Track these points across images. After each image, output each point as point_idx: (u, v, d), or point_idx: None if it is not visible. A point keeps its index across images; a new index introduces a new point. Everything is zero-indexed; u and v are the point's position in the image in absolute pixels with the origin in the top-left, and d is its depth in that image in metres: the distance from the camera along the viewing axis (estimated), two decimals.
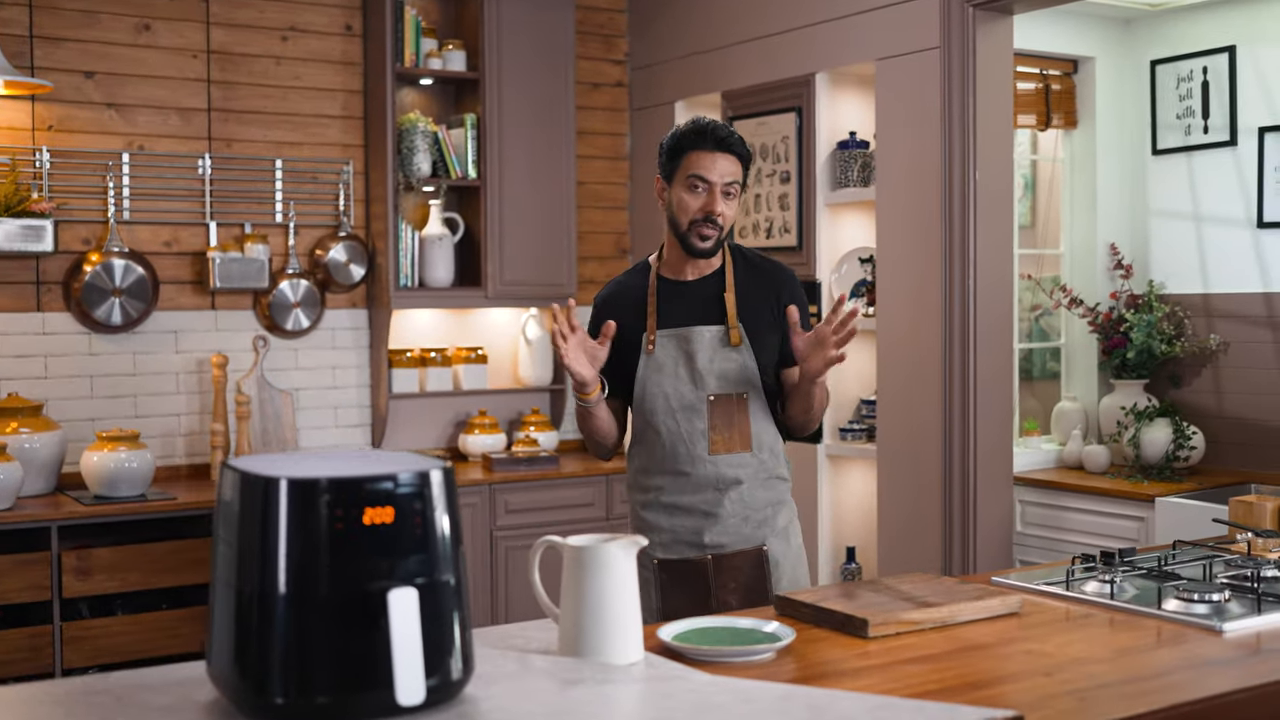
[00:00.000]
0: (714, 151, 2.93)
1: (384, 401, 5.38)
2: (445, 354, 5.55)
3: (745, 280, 3.04)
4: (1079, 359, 5.40)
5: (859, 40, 4.86)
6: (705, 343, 2.98)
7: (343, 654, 1.62)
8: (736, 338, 2.98)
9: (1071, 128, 5.35)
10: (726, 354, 2.98)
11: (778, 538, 3.02)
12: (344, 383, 5.45)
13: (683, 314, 3.01)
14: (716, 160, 2.93)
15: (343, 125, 5.41)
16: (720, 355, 2.98)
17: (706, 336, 2.98)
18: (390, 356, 5.40)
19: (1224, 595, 2.40)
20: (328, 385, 5.42)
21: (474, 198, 5.51)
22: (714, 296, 3.02)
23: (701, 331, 2.99)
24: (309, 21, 5.33)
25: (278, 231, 5.27)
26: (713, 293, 3.03)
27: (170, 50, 5.06)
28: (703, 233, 2.95)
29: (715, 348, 2.98)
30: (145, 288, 4.94)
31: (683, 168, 2.95)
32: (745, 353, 2.99)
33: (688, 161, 2.94)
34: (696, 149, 2.94)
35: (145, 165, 5.02)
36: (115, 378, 4.98)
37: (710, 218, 2.93)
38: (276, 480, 1.63)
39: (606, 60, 6.07)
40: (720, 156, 2.93)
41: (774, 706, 1.72)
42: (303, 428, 5.34)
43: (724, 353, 2.98)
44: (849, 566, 5.02)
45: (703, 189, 2.93)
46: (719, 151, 2.93)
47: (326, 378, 5.42)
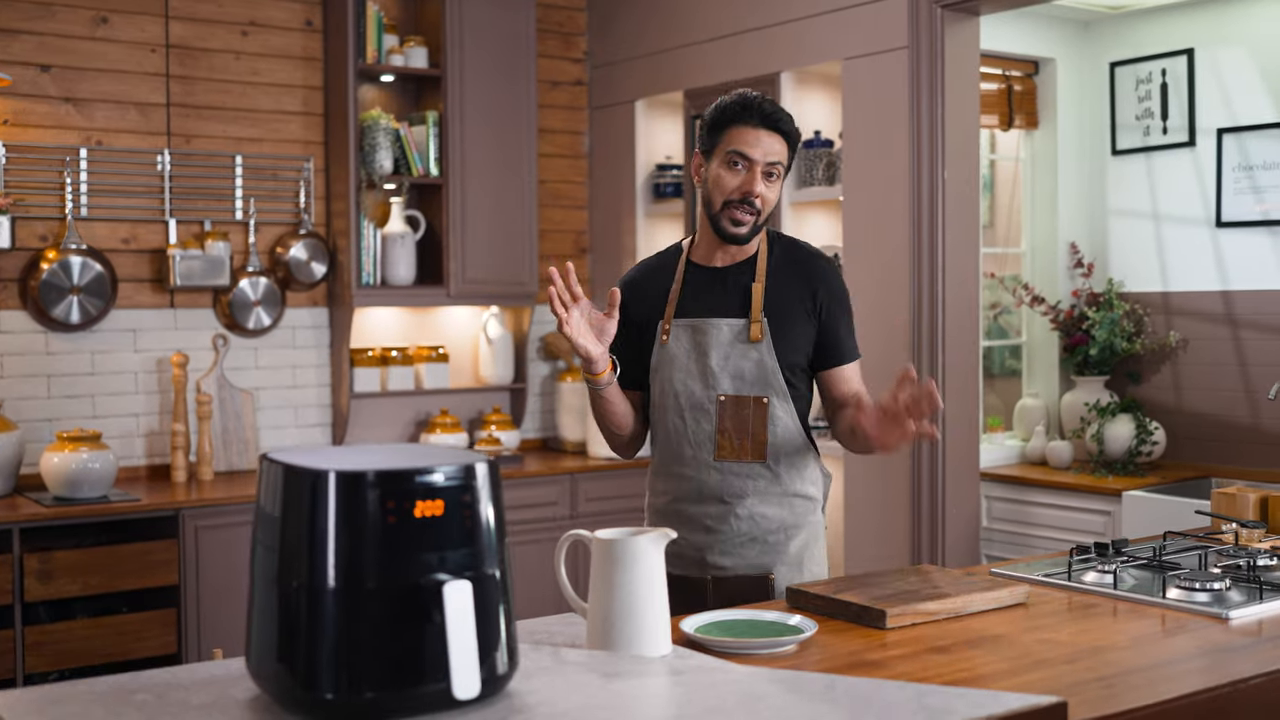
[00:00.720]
0: (759, 128, 2.67)
1: (345, 401, 5.33)
2: (407, 353, 5.51)
3: (779, 270, 2.77)
4: (1040, 356, 5.48)
5: (825, 40, 4.89)
6: (721, 337, 2.72)
7: (393, 648, 1.61)
8: (757, 333, 2.71)
9: (1033, 128, 5.42)
10: (744, 351, 2.72)
11: (788, 566, 2.73)
12: (305, 382, 5.39)
13: (705, 304, 2.76)
14: (761, 137, 2.67)
15: (303, 121, 5.35)
16: (737, 352, 2.72)
17: (724, 330, 2.72)
18: (352, 355, 5.35)
19: (1225, 584, 2.45)
20: (288, 384, 5.36)
21: (436, 195, 5.48)
22: (742, 286, 2.76)
23: (719, 324, 2.73)
24: (269, 16, 5.27)
25: (238, 229, 5.20)
26: (742, 282, 2.76)
27: (129, 44, 4.98)
28: (736, 216, 2.69)
29: (732, 343, 2.72)
30: (104, 285, 4.85)
31: (723, 143, 2.69)
32: (765, 350, 2.71)
33: (729, 137, 2.68)
34: (740, 124, 2.68)
35: (103, 161, 4.93)
36: (73, 377, 4.89)
37: (747, 199, 2.67)
38: (325, 473, 1.61)
39: (566, 59, 6.06)
40: (765, 134, 2.67)
41: (820, 695, 1.73)
42: (263, 427, 5.27)
43: (741, 349, 2.72)
44: None
45: (742, 167, 2.67)
46: (764, 129, 2.67)
47: (287, 377, 5.36)
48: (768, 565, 2.72)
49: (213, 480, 4.95)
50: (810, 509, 2.77)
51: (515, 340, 5.77)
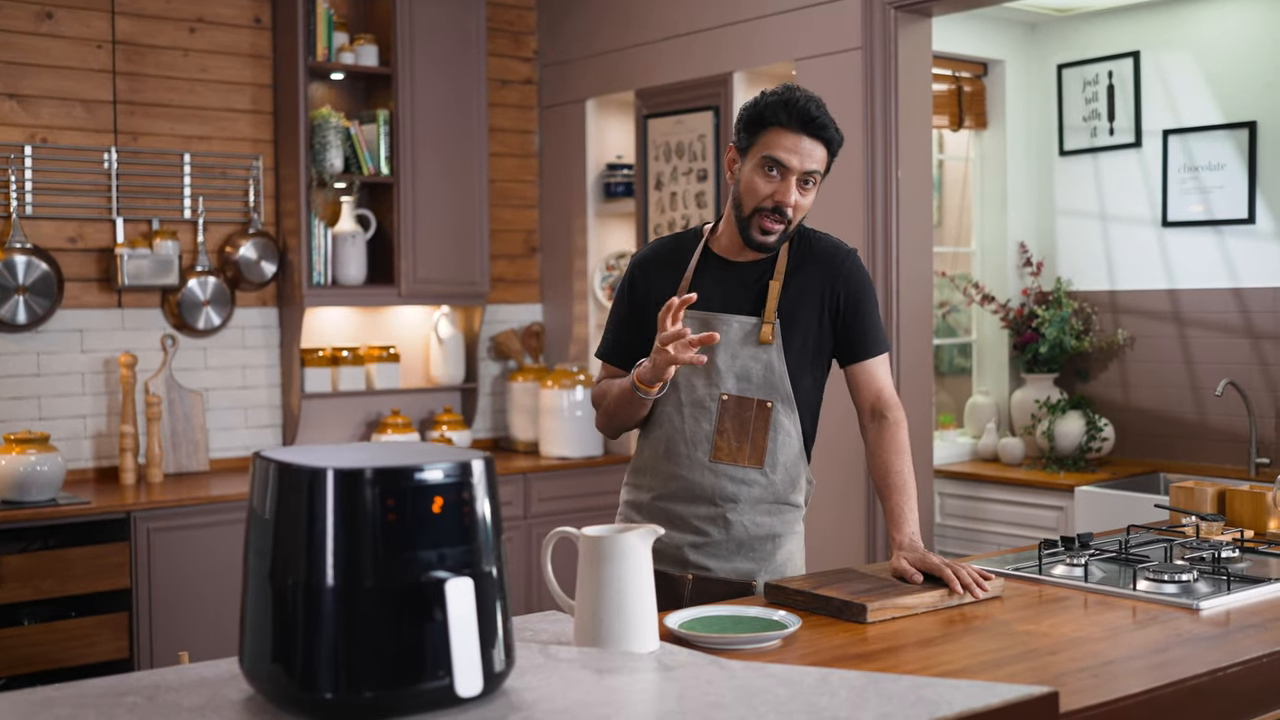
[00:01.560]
0: (799, 133, 2.49)
1: (296, 401, 5.28)
2: (357, 353, 5.47)
3: (799, 267, 2.64)
4: (990, 354, 5.54)
5: (778, 40, 4.92)
6: (731, 335, 2.60)
7: (393, 646, 1.60)
8: (768, 334, 2.58)
9: (982, 128, 5.49)
10: (753, 352, 2.60)
11: (772, 573, 2.64)
12: (255, 382, 5.34)
13: (718, 297, 2.62)
14: (800, 143, 2.49)
15: (252, 120, 5.30)
16: (745, 352, 2.60)
17: (734, 327, 2.60)
18: (302, 355, 5.31)
19: (1192, 575, 2.49)
20: (238, 385, 5.30)
21: (386, 195, 5.44)
22: (759, 284, 2.62)
23: (729, 321, 2.60)
24: (217, 13, 5.21)
25: (186, 228, 5.13)
26: (759, 279, 2.63)
27: (74, 40, 4.90)
28: (766, 225, 2.54)
29: (741, 342, 2.60)
30: (50, 285, 4.77)
31: (759, 145, 2.52)
32: (775, 354, 2.59)
33: (766, 139, 2.51)
34: (779, 126, 2.50)
35: (48, 159, 4.85)
36: (18, 378, 4.81)
37: (779, 209, 2.52)
38: (323, 471, 1.60)
39: (515, 57, 6.05)
40: (806, 140, 2.49)
41: (815, 688, 1.74)
42: (213, 429, 5.21)
43: (750, 350, 2.60)
44: None
45: (777, 174, 2.51)
46: (805, 134, 2.50)
47: (237, 377, 5.30)
48: (752, 572, 2.63)
49: (163, 482, 4.88)
50: (797, 517, 2.70)
51: (466, 340, 5.75)
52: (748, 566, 2.64)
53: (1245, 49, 4.85)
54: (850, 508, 4.65)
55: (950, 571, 2.41)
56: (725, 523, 2.62)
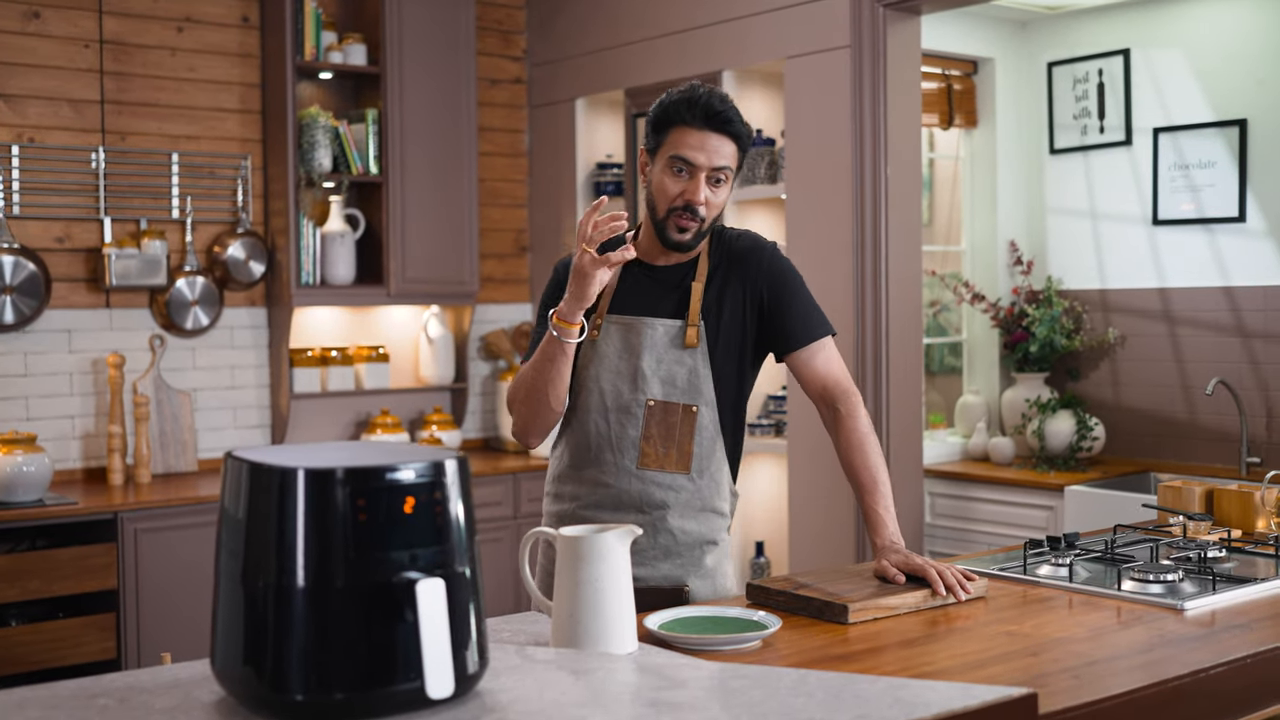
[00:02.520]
0: (704, 130, 2.47)
1: (285, 401, 5.26)
2: (346, 353, 5.46)
3: (720, 267, 2.60)
4: (980, 353, 5.53)
5: (767, 38, 4.91)
6: (655, 339, 2.56)
7: (364, 647, 1.58)
8: (693, 338, 2.55)
9: (972, 127, 5.47)
10: (678, 356, 2.56)
11: (702, 578, 2.60)
12: (243, 383, 5.32)
13: (641, 301, 2.59)
14: (706, 140, 2.47)
15: (240, 119, 5.28)
16: (670, 356, 2.56)
17: (659, 332, 2.57)
18: (291, 355, 5.29)
19: (1178, 575, 2.48)
20: (227, 385, 5.28)
21: (375, 194, 5.42)
22: (682, 287, 2.60)
23: (653, 325, 2.57)
24: (205, 12, 5.19)
25: (174, 228, 5.12)
26: (682, 282, 2.60)
27: (61, 39, 4.88)
28: (680, 223, 2.51)
29: (665, 347, 2.56)
30: (37, 285, 4.76)
31: (666, 145, 2.51)
32: (699, 358, 2.56)
33: (673, 138, 2.49)
34: (684, 124, 2.48)
35: (36, 158, 4.83)
36: (5, 379, 4.79)
37: (690, 207, 2.50)
38: (294, 471, 1.58)
39: (505, 57, 6.03)
40: (711, 136, 2.47)
41: (793, 689, 1.72)
42: (201, 429, 5.19)
43: (674, 354, 2.56)
44: (758, 561, 5.06)
45: (686, 173, 2.49)
46: (710, 130, 2.47)
47: (225, 377, 5.28)
48: (681, 577, 2.58)
49: (151, 483, 4.87)
50: (723, 524, 2.65)
51: (456, 340, 5.73)
52: (677, 572, 2.58)
53: (1236, 46, 4.84)
54: (837, 507, 4.64)
55: (934, 572, 2.40)
56: (653, 530, 2.56)
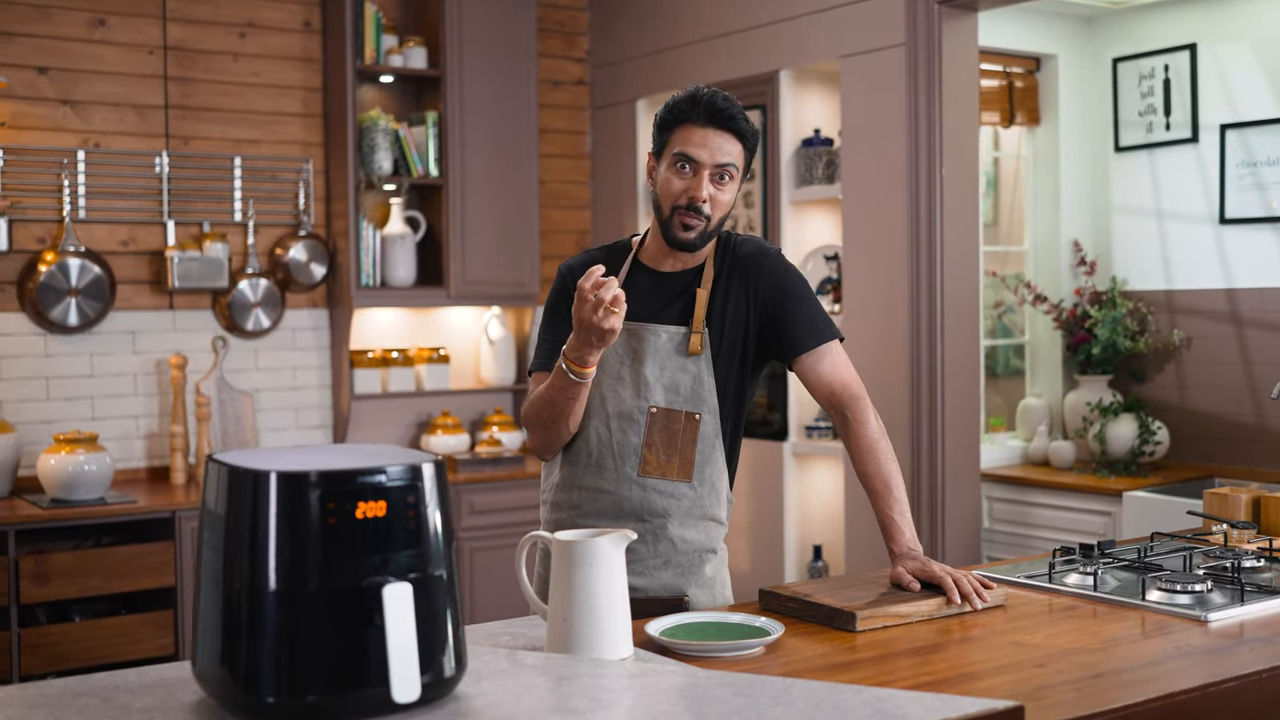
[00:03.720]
0: (706, 127, 2.48)
1: (346, 402, 5.32)
2: (407, 354, 5.50)
3: (724, 274, 2.59)
4: (1043, 356, 5.42)
5: (824, 37, 4.86)
6: (659, 346, 2.55)
7: (335, 651, 1.58)
8: (697, 345, 2.53)
9: (1034, 125, 5.37)
10: (681, 363, 2.54)
11: (701, 587, 2.58)
12: (305, 383, 5.39)
13: (646, 307, 2.57)
14: (709, 137, 2.47)
15: (302, 123, 5.35)
16: (673, 363, 2.54)
17: (662, 338, 2.55)
18: (352, 357, 5.34)
19: (1206, 585, 2.40)
20: (288, 386, 5.35)
21: (436, 196, 5.46)
22: (687, 293, 2.58)
23: (657, 331, 2.55)
24: (267, 17, 5.26)
25: (237, 230, 5.20)
26: (687, 289, 2.59)
27: (126, 46, 4.98)
28: (685, 221, 2.49)
29: (669, 354, 2.55)
30: (102, 287, 4.86)
31: (671, 144, 2.51)
32: (703, 365, 2.54)
33: (676, 137, 2.50)
34: (687, 123, 2.49)
35: (101, 163, 4.93)
36: (72, 379, 4.90)
37: (693, 205, 2.48)
38: (266, 473, 1.59)
39: (567, 58, 6.04)
40: (713, 134, 2.47)
41: (774, 699, 1.69)
42: (263, 429, 5.27)
43: (678, 361, 2.54)
44: (816, 565, 5.02)
45: (689, 170, 2.49)
46: (712, 128, 2.48)
47: (287, 378, 5.35)
48: (681, 587, 2.56)
49: None
50: (721, 533, 2.63)
51: (517, 341, 5.75)
52: (677, 582, 2.56)
53: None
54: None
55: (950, 580, 2.35)
56: (653, 538, 2.54)
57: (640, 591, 2.53)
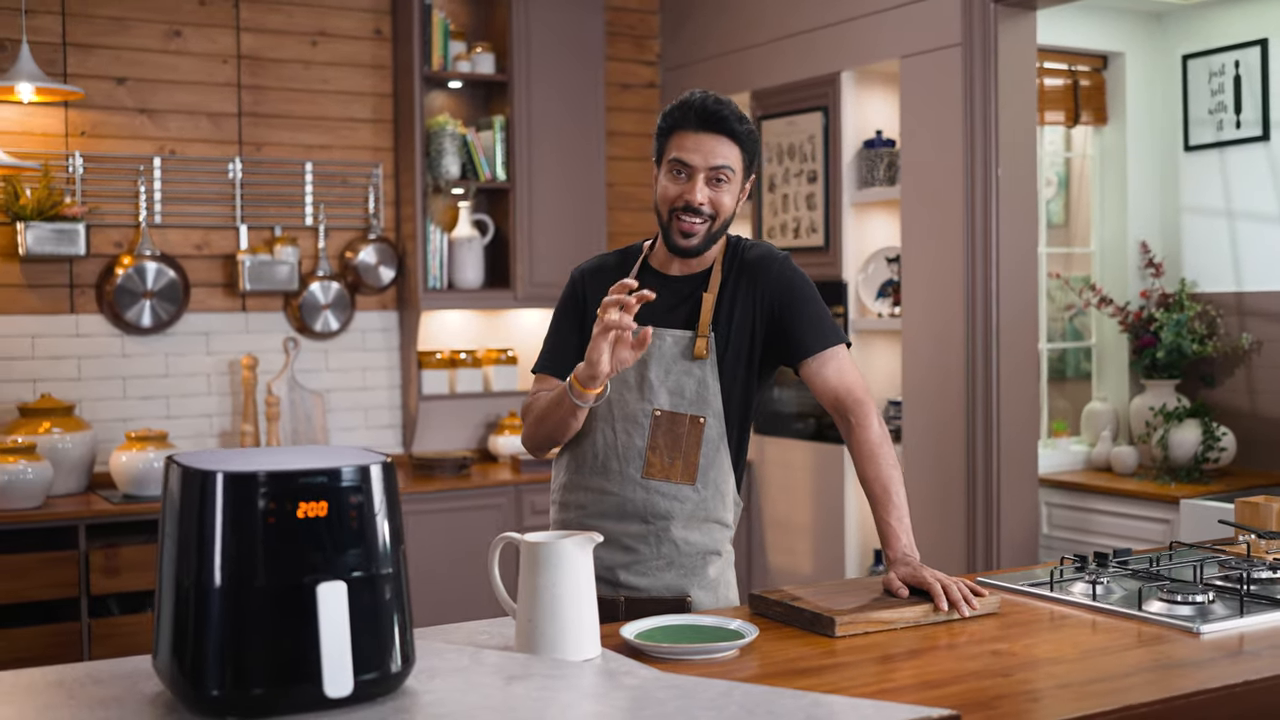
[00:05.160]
0: (699, 131, 2.49)
1: (414, 403, 5.42)
2: (475, 355, 5.58)
3: (731, 279, 2.60)
4: (1110, 359, 5.32)
5: (883, 38, 4.83)
6: (664, 349, 2.56)
7: (277, 647, 1.63)
8: (702, 349, 2.55)
9: (1101, 124, 5.27)
10: (686, 367, 2.56)
11: (704, 589, 2.59)
12: (375, 384, 5.50)
13: (652, 311, 2.55)
14: (702, 141, 2.48)
15: (373, 128, 5.46)
16: (679, 367, 2.56)
17: (668, 342, 2.57)
18: (420, 358, 5.44)
19: (1208, 597, 2.35)
20: (358, 386, 5.46)
21: (503, 200, 5.54)
22: (693, 297, 2.60)
23: (662, 335, 2.56)
24: (338, 26, 5.38)
25: (308, 234, 5.32)
26: (693, 293, 2.60)
27: (201, 56, 5.13)
28: (683, 226, 2.51)
29: (675, 357, 2.56)
30: (176, 290, 5.01)
31: (667, 150, 2.54)
32: (708, 370, 2.56)
33: (672, 143, 2.53)
34: (680, 128, 2.51)
35: (176, 169, 5.09)
36: (148, 379, 5.06)
37: (690, 208, 2.49)
38: (213, 473, 1.65)
39: (638, 61, 6.08)
40: (706, 137, 2.48)
41: (712, 702, 1.71)
42: (334, 429, 5.39)
43: (684, 365, 2.56)
44: (876, 569, 4.99)
45: (684, 175, 2.50)
46: (704, 131, 2.48)
47: (357, 379, 5.46)
48: (684, 588, 2.58)
49: None
50: (727, 535, 2.64)
51: None
52: (680, 582, 2.58)
53: None
54: (950, 516, 4.54)
55: (939, 586, 2.33)
56: (656, 540, 2.56)
57: (643, 592, 2.57)
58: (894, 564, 2.43)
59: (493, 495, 5.10)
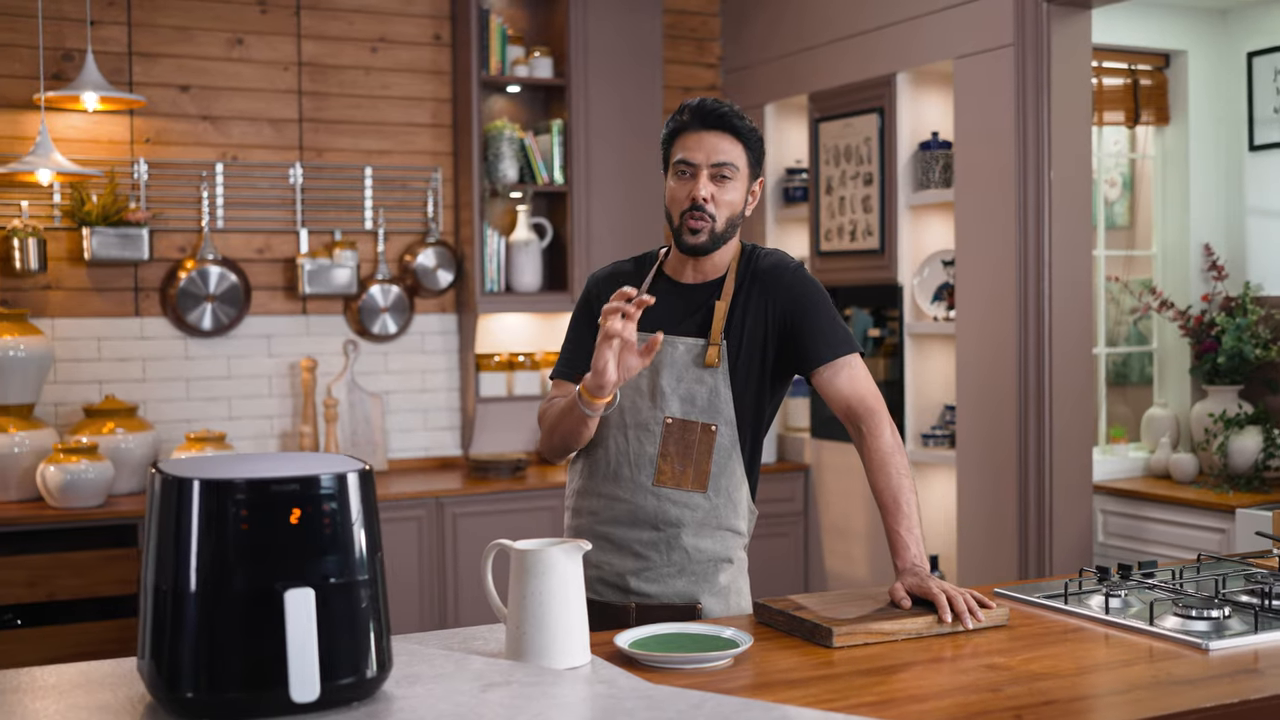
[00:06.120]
0: (700, 130, 2.52)
1: (472, 405, 5.47)
2: (534, 358, 5.61)
3: (744, 287, 2.59)
4: (1171, 364, 5.21)
5: (937, 38, 4.78)
6: (676, 357, 2.56)
7: (249, 651, 1.66)
8: (714, 357, 2.54)
9: (1163, 124, 5.16)
10: (698, 375, 2.56)
11: (715, 596, 2.58)
12: (434, 386, 5.55)
13: (665, 318, 2.57)
14: (703, 139, 2.51)
15: (433, 133, 5.51)
16: (690, 375, 2.56)
17: (680, 350, 2.56)
18: (478, 360, 5.49)
19: (1224, 612, 2.30)
20: (418, 389, 5.52)
21: (561, 203, 5.57)
22: (705, 305, 2.59)
23: (673, 343, 2.56)
24: (398, 32, 5.45)
25: (367, 238, 5.40)
26: (706, 301, 2.60)
27: (262, 63, 5.22)
28: (691, 224, 2.51)
29: (686, 365, 2.56)
30: (237, 294, 5.11)
31: (672, 154, 2.57)
32: (720, 378, 2.56)
33: (676, 147, 2.56)
34: (682, 131, 2.55)
35: (238, 175, 5.19)
36: (210, 380, 5.16)
37: (696, 205, 2.50)
38: (190, 480, 1.69)
39: (699, 64, 6.07)
40: (708, 135, 2.51)
41: (680, 714, 1.70)
42: (392, 430, 5.45)
43: (695, 373, 2.56)
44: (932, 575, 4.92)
45: (689, 174, 2.53)
46: (705, 130, 2.51)
47: (416, 381, 5.52)
48: (694, 594, 2.57)
49: None
50: (739, 543, 2.63)
51: None
52: (690, 590, 2.57)
53: None
54: (1001, 523, 4.48)
55: (944, 598, 2.31)
56: (667, 547, 2.56)
57: (653, 599, 2.58)
58: (901, 574, 2.41)
59: (546, 497, 5.13)
